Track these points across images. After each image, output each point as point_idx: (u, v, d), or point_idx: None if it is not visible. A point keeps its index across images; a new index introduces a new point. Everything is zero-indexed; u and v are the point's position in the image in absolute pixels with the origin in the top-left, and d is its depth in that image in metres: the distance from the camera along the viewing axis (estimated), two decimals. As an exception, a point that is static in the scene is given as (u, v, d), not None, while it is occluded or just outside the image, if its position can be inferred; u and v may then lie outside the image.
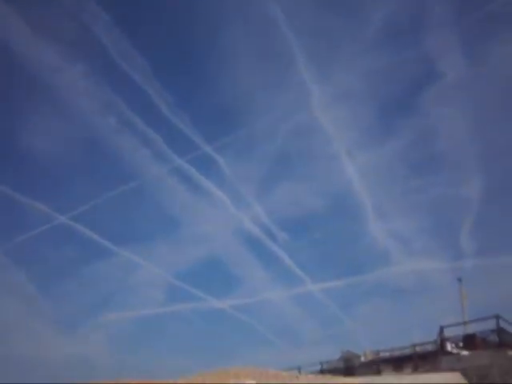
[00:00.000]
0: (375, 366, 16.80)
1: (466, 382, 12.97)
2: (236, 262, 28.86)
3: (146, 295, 19.51)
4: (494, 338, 13.96)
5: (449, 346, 14.90)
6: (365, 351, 18.56)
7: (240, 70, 19.11)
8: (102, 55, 12.49)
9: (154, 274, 18.00)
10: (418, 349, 15.75)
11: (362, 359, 18.36)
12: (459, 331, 15.58)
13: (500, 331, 13.90)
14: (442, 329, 15.20)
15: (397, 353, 16.63)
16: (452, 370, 13.13)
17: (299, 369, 18.75)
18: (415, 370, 15.11)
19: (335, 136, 30.85)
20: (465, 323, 16.90)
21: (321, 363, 19.40)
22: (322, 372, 18.44)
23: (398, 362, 16.11)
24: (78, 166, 12.90)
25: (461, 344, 14.97)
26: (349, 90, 30.97)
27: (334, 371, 17.83)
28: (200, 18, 16.46)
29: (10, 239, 11.91)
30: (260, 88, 23.49)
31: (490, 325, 14.09)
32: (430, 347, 15.67)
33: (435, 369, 13.92)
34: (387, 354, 17.05)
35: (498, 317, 13.89)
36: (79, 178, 13.24)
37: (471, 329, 15.94)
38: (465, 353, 14.20)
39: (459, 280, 20.49)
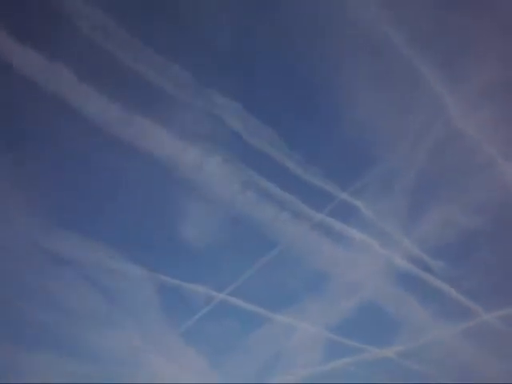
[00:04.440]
0: None
1: None
2: (392, 304, 26.61)
3: (306, 355, 18.79)
4: None
5: None
6: None
7: (362, 103, 18.27)
8: (235, 140, 13.15)
9: (310, 333, 17.34)
10: None
11: None
12: None
13: None
14: None
15: None
16: None
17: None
18: None
19: (483, 141, 26.89)
20: None
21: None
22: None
23: None
24: (227, 244, 13.41)
25: None
26: (489, 85, 27.24)
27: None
28: (316, 63, 16.23)
29: (181, 323, 12.54)
30: (387, 116, 22.13)
31: None
32: None
33: None
34: None
35: None
36: (229, 254, 13.70)
37: None
38: None
39: None
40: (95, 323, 12.01)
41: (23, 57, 10.28)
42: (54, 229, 11.41)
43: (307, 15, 15.47)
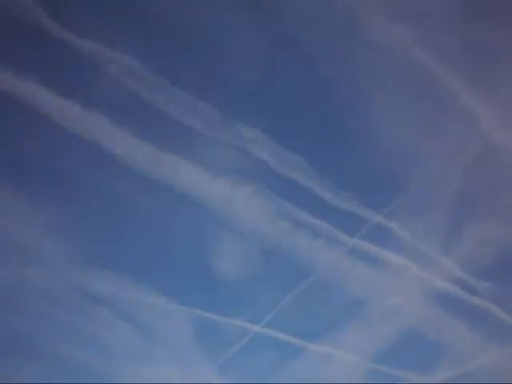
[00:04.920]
0: None
1: None
2: (435, 328, 25.63)
3: (346, 386, 18.22)
4: None
5: None
6: None
7: (391, 124, 18.10)
8: (263, 171, 13.40)
9: (349, 362, 16.92)
10: None
11: None
12: None
13: None
14: None
15: None
16: None
17: None
18: None
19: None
20: None
21: None
22: None
23: None
24: (260, 275, 13.42)
25: None
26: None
27: None
28: (342, 89, 16.25)
29: (218, 357, 12.57)
30: (418, 136, 21.76)
31: None
32: None
33: None
34: None
35: None
36: (263, 286, 13.67)
37: None
38: None
39: None
40: (131, 360, 12.20)
41: (59, 108, 10.92)
42: (88, 267, 11.77)
43: (330, 42, 15.53)
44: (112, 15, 11.66)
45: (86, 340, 11.60)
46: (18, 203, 11.32)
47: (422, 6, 17.38)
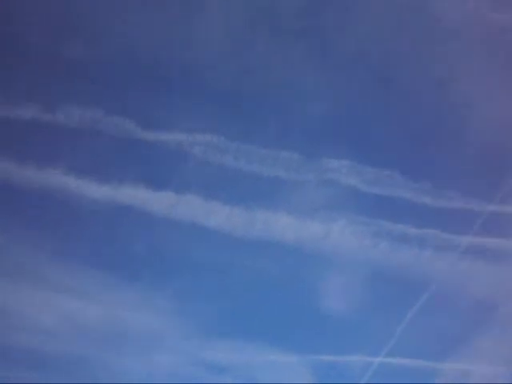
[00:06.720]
0: None
1: None
2: None
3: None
4: None
5: None
6: None
7: (487, 99, 16.63)
8: (355, 197, 13.97)
9: (490, 374, 15.56)
10: None
11: None
12: None
13: None
14: None
15: None
16: None
17: None
18: None
19: None
20: None
21: None
22: None
23: None
24: (372, 304, 12.82)
25: None
26: None
27: None
28: (427, 79, 15.77)
29: None
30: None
31: None
32: None
33: None
34: None
35: None
36: (377, 314, 13.11)
37: None
38: None
39: None
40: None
41: (156, 201, 11.79)
42: (206, 340, 12.30)
43: (402, 43, 14.71)
44: (185, 103, 12.30)
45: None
46: (133, 294, 12.20)
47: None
